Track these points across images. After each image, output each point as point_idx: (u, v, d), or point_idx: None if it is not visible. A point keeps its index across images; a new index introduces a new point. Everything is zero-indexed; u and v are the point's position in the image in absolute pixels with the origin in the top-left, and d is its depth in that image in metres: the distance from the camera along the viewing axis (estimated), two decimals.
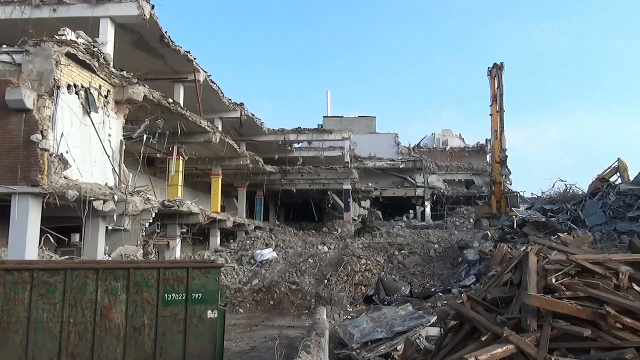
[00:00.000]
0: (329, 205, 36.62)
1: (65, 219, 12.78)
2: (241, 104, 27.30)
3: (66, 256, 12.71)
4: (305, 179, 33.96)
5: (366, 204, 41.87)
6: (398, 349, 9.40)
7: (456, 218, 36.17)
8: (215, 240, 24.58)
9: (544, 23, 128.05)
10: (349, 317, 14.23)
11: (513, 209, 26.39)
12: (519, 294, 5.83)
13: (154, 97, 15.45)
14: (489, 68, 29.25)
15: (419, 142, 50.11)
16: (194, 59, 19.82)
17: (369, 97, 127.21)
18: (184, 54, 19.07)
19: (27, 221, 11.11)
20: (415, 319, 10.56)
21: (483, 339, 5.41)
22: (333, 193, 35.50)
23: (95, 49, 13.32)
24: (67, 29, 12.74)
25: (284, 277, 19.39)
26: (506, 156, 29.08)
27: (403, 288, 17.31)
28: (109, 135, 14.01)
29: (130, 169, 15.65)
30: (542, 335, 5.10)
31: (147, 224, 15.20)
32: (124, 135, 14.95)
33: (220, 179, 26.44)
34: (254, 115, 29.42)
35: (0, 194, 11.24)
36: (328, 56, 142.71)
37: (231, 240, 26.30)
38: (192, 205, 19.48)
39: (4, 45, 11.95)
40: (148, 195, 15.04)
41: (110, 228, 13.51)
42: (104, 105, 13.76)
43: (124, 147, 14.84)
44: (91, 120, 13.08)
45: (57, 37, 12.14)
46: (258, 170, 29.88)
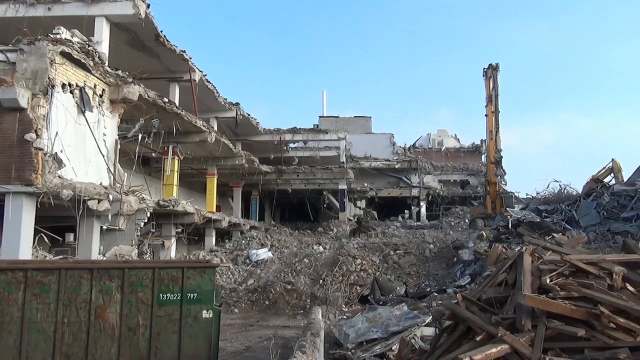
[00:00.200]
0: (325, 205, 36.62)
1: (60, 218, 12.71)
2: (237, 104, 27.26)
3: (60, 256, 12.63)
4: (300, 179, 33.94)
5: (362, 204, 41.91)
6: (393, 349, 9.42)
7: (451, 218, 36.22)
8: (211, 240, 24.55)
9: (539, 24, 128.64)
10: (344, 317, 14.24)
11: (508, 209, 26.52)
12: (513, 294, 5.85)
13: (149, 97, 15.41)
14: (484, 69, 29.35)
15: (415, 143, 50.24)
16: (190, 58, 19.79)
17: (364, 97, 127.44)
18: (180, 54, 19.03)
19: (21, 221, 11.04)
20: (410, 319, 10.57)
21: (478, 339, 5.43)
22: (329, 193, 35.50)
23: (90, 48, 13.26)
24: (62, 28, 12.66)
25: (280, 277, 19.37)
26: (501, 157, 29.20)
27: (398, 288, 17.34)
28: (104, 134, 13.96)
29: (125, 168, 15.60)
30: (537, 335, 5.12)
31: (142, 224, 15.13)
32: (119, 135, 14.90)
33: (215, 179, 26.39)
34: (249, 115, 29.39)
35: None
36: (324, 56, 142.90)
37: (226, 240, 26.30)
38: (188, 205, 19.44)
39: None
40: (143, 195, 14.99)
41: (104, 228, 13.45)
42: (99, 104, 13.71)
43: (119, 147, 14.78)
44: (86, 119, 13.02)
45: (52, 36, 12.06)
46: (254, 170, 29.83)
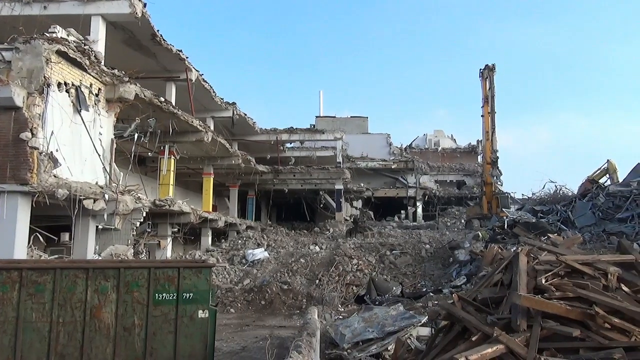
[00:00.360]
0: (321, 205, 36.63)
1: (55, 217, 12.66)
2: (233, 104, 27.23)
3: (56, 255, 12.59)
4: (297, 179, 33.94)
5: (358, 204, 41.90)
6: (389, 349, 9.43)
7: (447, 218, 36.32)
8: (207, 239, 24.51)
9: (536, 25, 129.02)
10: (340, 317, 14.25)
11: (504, 209, 26.57)
12: (509, 295, 5.87)
13: (145, 96, 15.37)
14: (480, 69, 29.37)
15: (411, 143, 50.29)
16: (186, 58, 19.75)
17: (361, 98, 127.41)
18: (176, 53, 18.99)
19: (16, 220, 10.99)
20: (406, 319, 10.58)
21: (473, 339, 5.44)
22: (325, 193, 35.50)
23: (86, 47, 13.22)
24: (58, 27, 12.61)
25: (276, 277, 19.36)
26: (497, 157, 29.26)
27: (394, 288, 17.35)
28: (100, 133, 13.92)
29: (121, 167, 15.55)
30: (532, 335, 5.13)
31: (138, 223, 15.09)
32: (115, 134, 14.85)
33: (212, 179, 26.35)
34: (246, 114, 29.36)
35: None
36: (321, 56, 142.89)
37: (223, 240, 26.24)
38: (184, 204, 19.40)
39: None
40: (139, 195, 14.96)
41: (100, 227, 13.40)
42: (95, 103, 13.67)
43: (114, 146, 14.74)
44: (82, 118, 12.98)
45: (48, 35, 12.01)
46: (250, 170, 29.80)
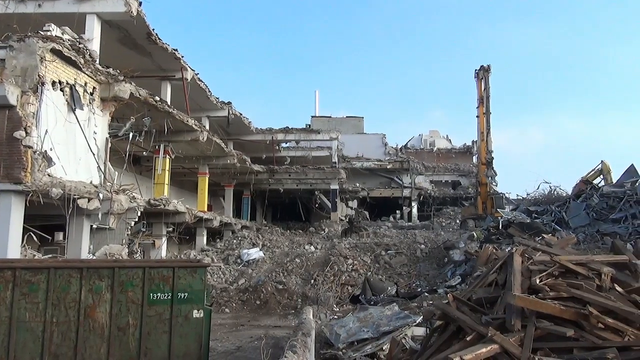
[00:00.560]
0: (317, 205, 36.62)
1: (49, 217, 12.58)
2: (229, 103, 27.16)
3: (50, 255, 12.52)
4: (292, 179, 33.92)
5: (353, 204, 41.94)
6: (384, 348, 9.44)
7: (443, 219, 36.35)
8: (202, 239, 24.46)
9: (532, 27, 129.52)
10: (335, 317, 14.25)
11: (498, 210, 26.67)
12: (503, 295, 5.89)
13: (140, 95, 15.30)
14: (475, 70, 29.46)
15: (407, 143, 50.36)
16: (182, 57, 19.68)
17: (357, 98, 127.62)
18: (172, 52, 18.92)
19: (10, 219, 10.90)
20: (401, 318, 10.60)
21: (468, 338, 5.45)
22: (320, 193, 35.51)
23: (81, 46, 13.14)
24: (53, 25, 12.53)
25: (271, 277, 19.35)
26: (492, 158, 29.35)
27: (389, 288, 17.39)
28: (95, 132, 13.84)
29: (116, 167, 15.48)
30: (526, 335, 5.16)
31: (133, 223, 15.04)
32: (109, 133, 14.78)
33: (207, 178, 26.29)
34: (241, 114, 29.30)
35: None
36: (316, 56, 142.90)
37: (218, 240, 26.21)
38: (179, 204, 19.35)
39: None
40: (134, 194, 14.89)
41: (94, 227, 13.34)
42: (90, 102, 13.60)
43: (109, 145, 14.65)
44: (76, 117, 12.91)
45: (42, 33, 11.92)
46: (245, 170, 29.75)
